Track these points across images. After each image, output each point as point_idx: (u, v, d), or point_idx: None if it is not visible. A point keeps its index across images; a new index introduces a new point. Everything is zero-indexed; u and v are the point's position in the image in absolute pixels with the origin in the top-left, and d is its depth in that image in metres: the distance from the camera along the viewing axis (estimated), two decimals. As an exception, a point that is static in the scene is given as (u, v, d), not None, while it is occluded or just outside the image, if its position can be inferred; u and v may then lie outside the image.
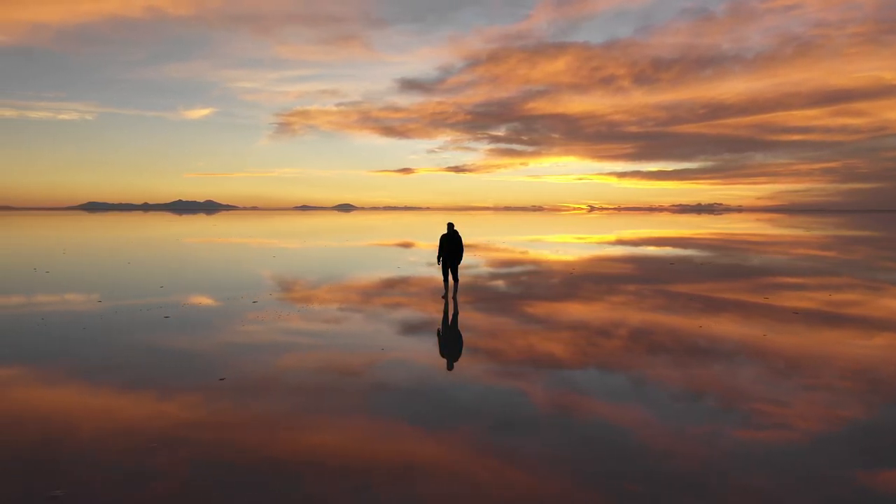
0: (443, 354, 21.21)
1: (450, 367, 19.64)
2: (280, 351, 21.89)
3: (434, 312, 27.33)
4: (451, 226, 18.27)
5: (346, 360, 20.65)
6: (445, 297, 19.61)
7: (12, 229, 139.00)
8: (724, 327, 25.91)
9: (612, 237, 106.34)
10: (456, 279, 19.66)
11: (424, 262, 53.13)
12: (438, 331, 24.58)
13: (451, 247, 18.34)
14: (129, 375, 19.19)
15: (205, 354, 21.63)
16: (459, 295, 27.32)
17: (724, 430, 14.77)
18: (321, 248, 76.16)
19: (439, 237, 19.52)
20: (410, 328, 25.20)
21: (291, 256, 61.71)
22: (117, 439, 14.05)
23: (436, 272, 42.00)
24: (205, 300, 32.80)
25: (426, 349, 21.93)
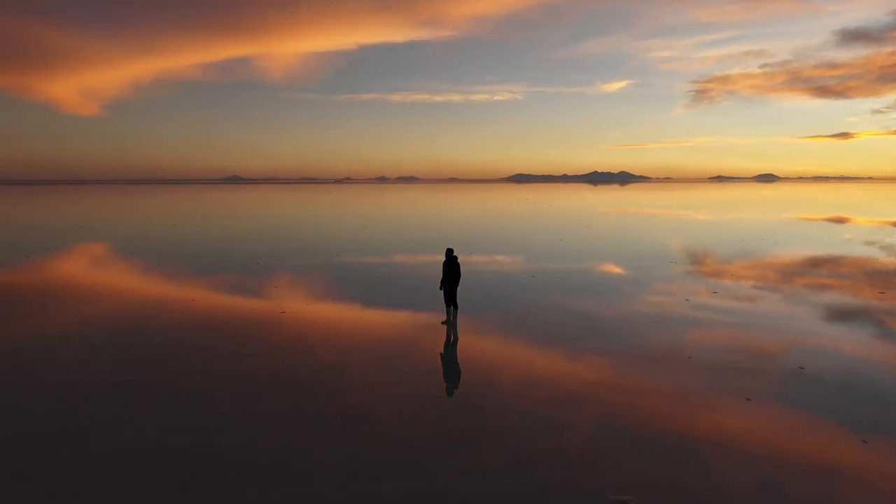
0: (880, 350, 18.16)
1: (890, 364, 16.73)
2: (688, 325, 21.34)
3: (871, 299, 23.47)
4: (450, 251, 16.36)
5: (760, 341, 19.15)
6: (446, 322, 17.23)
7: (465, 198, 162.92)
8: None
9: None
10: (456, 306, 17.19)
11: (861, 242, 45.94)
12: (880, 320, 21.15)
13: (450, 272, 16.21)
14: (542, 332, 20.88)
15: (609, 321, 22.30)
16: None
17: None
18: (737, 220, 71.72)
19: (442, 264, 18.16)
20: (838, 314, 22.15)
21: (704, 229, 59.47)
22: (532, 390, 15.44)
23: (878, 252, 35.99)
24: (615, 268, 33.73)
25: (858, 340, 19.03)
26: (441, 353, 18.54)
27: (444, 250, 17.84)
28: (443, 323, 17.72)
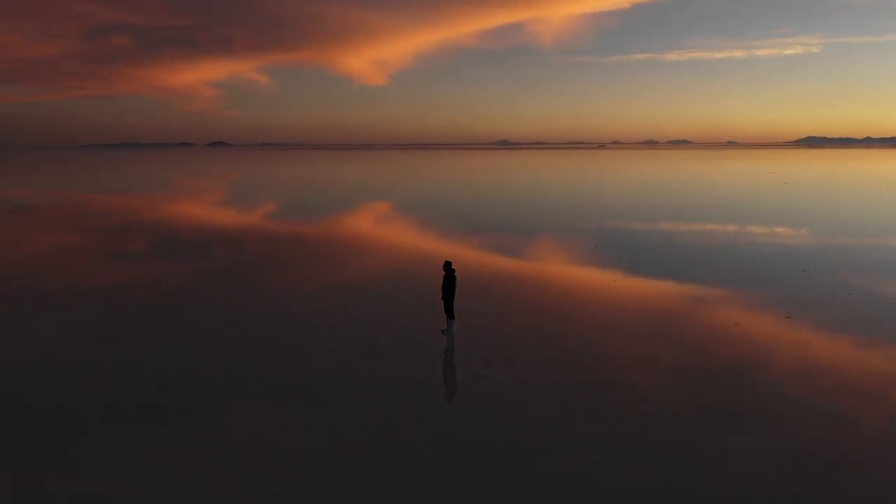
0: None
1: None
2: None
3: None
4: (448, 264, 17.66)
5: None
6: (445, 332, 13.29)
7: (744, 165, 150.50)
8: None
9: None
10: (453, 316, 13.02)
11: None
12: None
13: (448, 284, 12.67)
14: (829, 321, 18.83)
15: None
16: None
17: None
18: None
19: (447, 277, 14.86)
20: None
21: None
22: (814, 378, 14.13)
23: None
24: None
25: None
26: (709, 328, 17.72)
27: (443, 263, 17.53)
28: (442, 332, 17.27)
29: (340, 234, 37.18)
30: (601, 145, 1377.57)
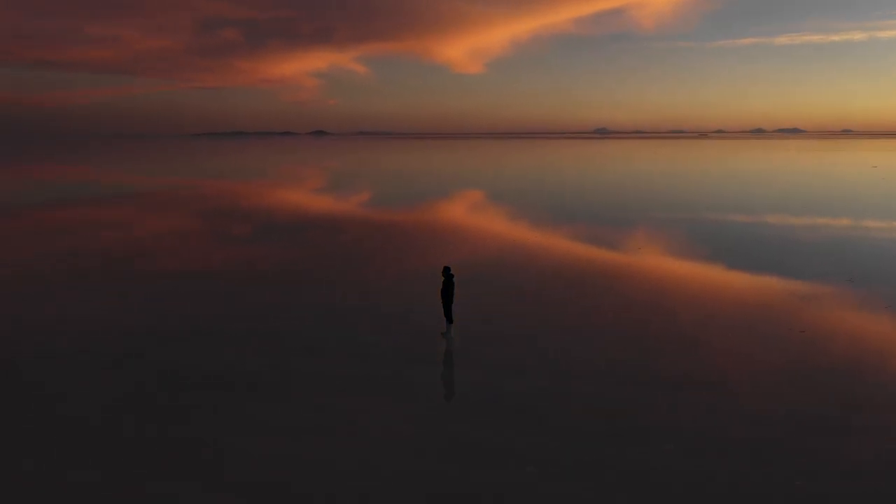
0: None
1: None
2: None
3: None
4: (447, 270, 17.67)
5: None
6: (445, 335, 17.69)
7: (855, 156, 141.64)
8: None
9: None
10: (451, 320, 17.81)
11: None
12: None
13: (446, 289, 17.45)
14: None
15: None
16: None
17: None
18: None
19: (445, 282, 13.25)
20: None
21: None
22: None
23: None
24: None
25: None
26: (805, 328, 17.11)
27: (443, 269, 17.05)
28: (441, 335, 16.87)
29: (435, 222, 38.00)
30: (703, 134, 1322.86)
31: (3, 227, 37.32)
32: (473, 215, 41.59)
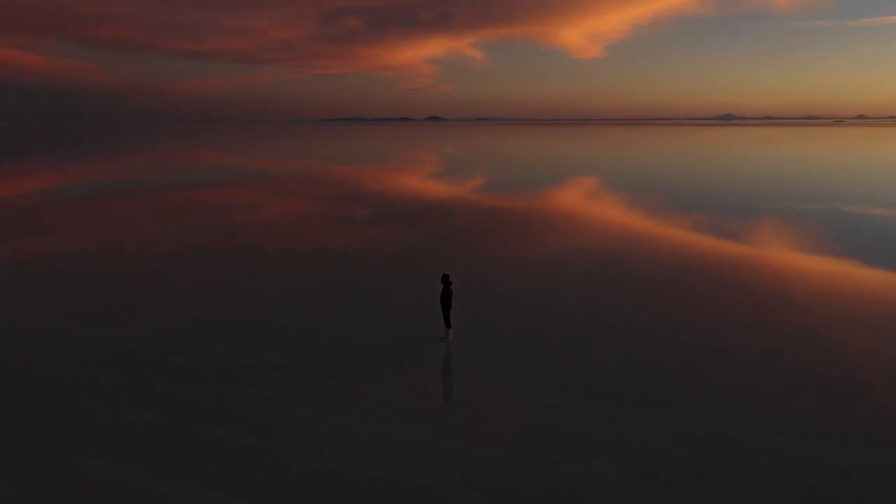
0: None
1: None
2: None
3: None
4: (445, 277, 17.83)
5: None
6: (443, 339, 17.84)
7: None
8: None
9: None
10: (450, 325, 17.90)
11: None
12: None
13: (444, 295, 17.60)
14: None
15: None
16: None
17: None
18: None
19: (444, 289, 16.67)
20: None
21: None
22: None
23: None
24: None
25: None
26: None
27: (441, 276, 17.83)
28: (441, 339, 17.47)
29: (548, 210, 39.02)
30: (839, 120, 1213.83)
31: (170, 202, 42.34)
32: (592, 203, 42.39)
